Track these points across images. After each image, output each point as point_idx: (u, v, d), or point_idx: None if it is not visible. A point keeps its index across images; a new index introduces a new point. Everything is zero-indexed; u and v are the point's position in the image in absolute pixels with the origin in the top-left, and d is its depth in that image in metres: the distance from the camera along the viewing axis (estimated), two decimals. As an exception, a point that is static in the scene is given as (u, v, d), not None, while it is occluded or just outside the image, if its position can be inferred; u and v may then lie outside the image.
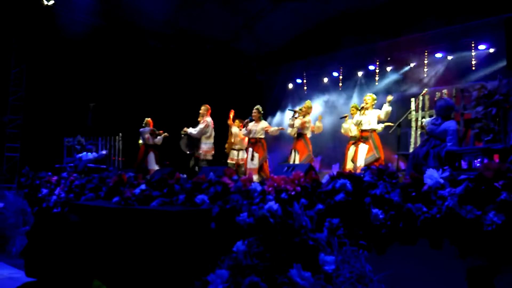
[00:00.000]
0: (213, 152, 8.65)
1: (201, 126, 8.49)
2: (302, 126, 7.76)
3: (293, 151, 7.82)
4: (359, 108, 7.62)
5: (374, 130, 7.40)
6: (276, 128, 8.30)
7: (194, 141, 8.53)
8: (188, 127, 8.60)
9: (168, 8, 9.92)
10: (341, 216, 3.25)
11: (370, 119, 7.41)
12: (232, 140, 8.80)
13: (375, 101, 7.57)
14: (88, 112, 10.27)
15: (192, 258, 3.41)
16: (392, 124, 7.40)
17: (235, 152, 8.82)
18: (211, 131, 8.58)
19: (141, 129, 9.46)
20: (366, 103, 7.45)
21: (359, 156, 7.45)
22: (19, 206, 6.78)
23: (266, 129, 8.07)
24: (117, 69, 10.69)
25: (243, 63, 13.29)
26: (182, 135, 8.60)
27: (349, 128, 8.04)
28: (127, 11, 10.17)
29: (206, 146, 8.58)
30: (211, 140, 8.62)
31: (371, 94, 7.67)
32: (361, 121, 7.44)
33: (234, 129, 8.84)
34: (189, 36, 11.74)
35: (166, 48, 11.63)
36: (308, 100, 8.29)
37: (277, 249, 2.24)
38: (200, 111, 8.63)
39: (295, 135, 7.89)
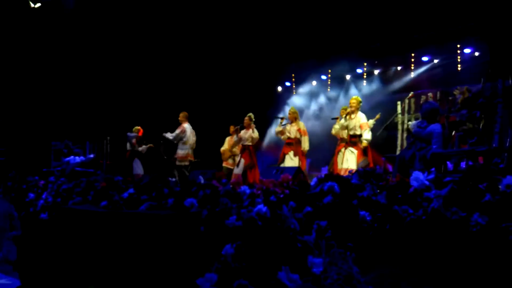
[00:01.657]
0: (189, 158, 8.68)
1: (177, 131, 8.59)
2: (304, 133, 7.86)
3: (287, 155, 7.87)
4: (346, 113, 7.68)
5: (361, 135, 7.45)
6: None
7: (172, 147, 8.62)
8: (166, 132, 8.66)
9: (159, 12, 9.91)
10: (329, 218, 3.27)
11: (356, 123, 7.47)
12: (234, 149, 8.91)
13: (361, 104, 7.64)
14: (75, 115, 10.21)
15: (181, 262, 3.40)
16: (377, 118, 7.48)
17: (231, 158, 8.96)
18: (187, 137, 8.64)
19: (129, 134, 9.43)
20: (351, 107, 7.51)
21: (347, 161, 7.52)
22: (6, 211, 6.68)
23: (252, 137, 8.12)
24: (106, 73, 10.63)
25: (233, 65, 13.29)
26: (161, 141, 8.65)
27: (340, 129, 8.11)
28: (116, 15, 10.13)
29: (182, 152, 8.65)
30: (188, 146, 8.66)
31: (356, 96, 7.73)
32: (347, 125, 7.49)
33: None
34: (178, 39, 11.72)
35: (154, 51, 11.58)
36: (292, 106, 8.37)
37: (266, 252, 2.26)
38: (179, 118, 8.72)
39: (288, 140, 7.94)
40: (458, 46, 9.81)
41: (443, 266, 2.86)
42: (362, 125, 7.34)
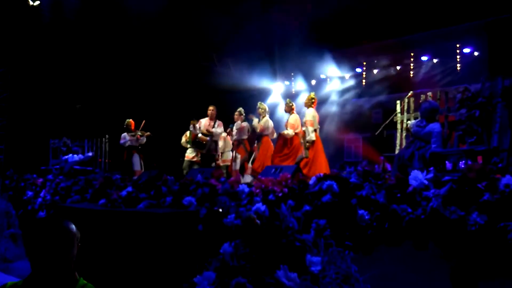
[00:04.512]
0: None
1: (221, 128, 8.47)
2: (261, 129, 7.82)
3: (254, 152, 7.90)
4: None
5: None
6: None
7: (214, 143, 8.50)
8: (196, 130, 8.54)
9: (156, 9, 9.88)
10: (328, 217, 3.27)
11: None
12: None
13: (312, 100, 7.66)
14: (75, 113, 10.17)
15: (180, 260, 3.40)
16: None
17: (229, 153, 8.84)
18: None
19: (122, 141, 9.24)
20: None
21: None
22: (4, 209, 6.68)
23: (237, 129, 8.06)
24: (104, 71, 10.61)
25: (231, 64, 13.30)
26: (207, 136, 8.37)
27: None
28: (113, 11, 10.10)
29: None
30: None
31: (311, 94, 7.86)
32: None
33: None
34: (178, 38, 11.70)
35: (153, 48, 11.57)
36: (260, 102, 8.34)
37: (264, 250, 2.26)
38: (212, 111, 8.50)
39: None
40: (458, 45, 9.82)
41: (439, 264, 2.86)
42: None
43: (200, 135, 8.35)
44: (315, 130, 7.35)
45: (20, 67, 10.07)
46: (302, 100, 11.64)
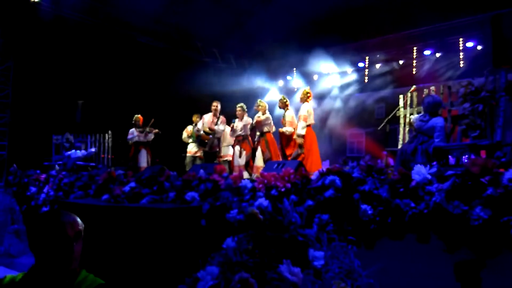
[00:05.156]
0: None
1: (224, 124, 8.38)
2: (258, 122, 7.73)
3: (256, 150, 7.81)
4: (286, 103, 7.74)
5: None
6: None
7: (217, 140, 8.41)
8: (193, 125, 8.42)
9: (157, 5, 9.85)
10: (331, 212, 3.27)
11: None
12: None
13: (307, 94, 7.61)
14: (76, 109, 10.17)
15: (183, 255, 3.41)
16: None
17: (227, 148, 8.75)
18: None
19: (129, 137, 9.28)
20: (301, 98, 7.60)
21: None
22: (7, 205, 6.72)
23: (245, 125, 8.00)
24: (106, 66, 10.60)
25: (234, 60, 13.27)
26: (209, 135, 8.29)
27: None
28: (115, 7, 10.08)
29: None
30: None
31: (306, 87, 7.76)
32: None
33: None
34: (178, 33, 11.68)
35: (155, 45, 11.56)
36: (259, 99, 8.27)
37: (267, 245, 2.26)
38: (216, 107, 8.41)
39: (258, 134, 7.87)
40: (461, 39, 9.77)
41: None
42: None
43: (202, 132, 8.33)
44: (308, 125, 7.31)
45: (23, 63, 10.07)
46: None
